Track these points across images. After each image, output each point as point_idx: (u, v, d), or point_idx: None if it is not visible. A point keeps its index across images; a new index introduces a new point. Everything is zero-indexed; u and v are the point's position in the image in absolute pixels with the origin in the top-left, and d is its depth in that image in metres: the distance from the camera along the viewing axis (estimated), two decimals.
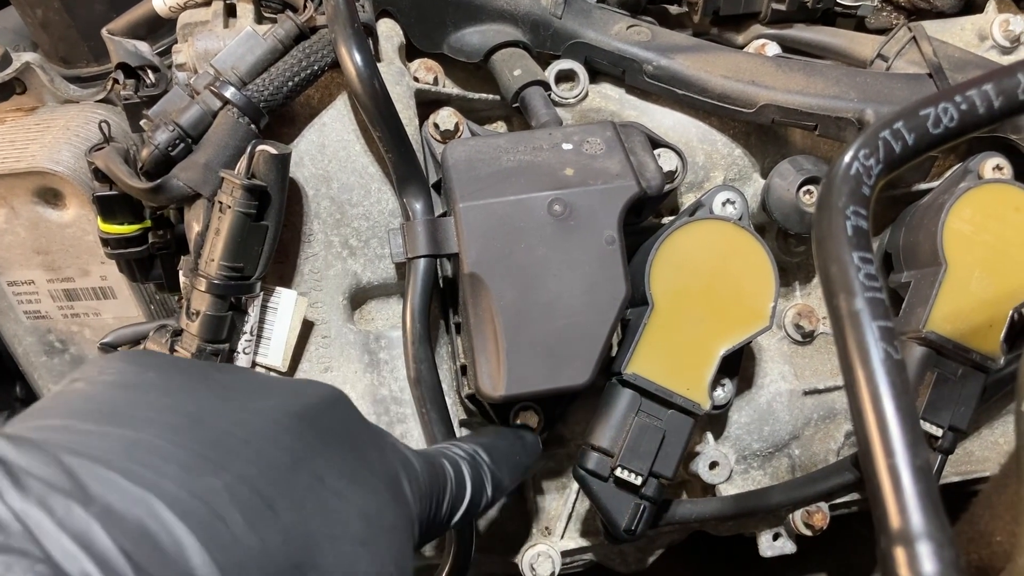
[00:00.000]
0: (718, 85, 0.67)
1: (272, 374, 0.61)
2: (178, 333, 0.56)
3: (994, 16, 0.75)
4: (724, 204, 0.64)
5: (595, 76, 0.72)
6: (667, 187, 0.66)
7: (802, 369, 0.72)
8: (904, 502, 0.32)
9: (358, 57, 0.57)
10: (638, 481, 0.60)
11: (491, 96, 0.70)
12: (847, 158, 0.39)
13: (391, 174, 0.62)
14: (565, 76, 0.70)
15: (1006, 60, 0.75)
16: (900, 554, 0.32)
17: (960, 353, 0.63)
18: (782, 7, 0.71)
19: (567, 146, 0.61)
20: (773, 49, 0.72)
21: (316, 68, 0.58)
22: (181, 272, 0.58)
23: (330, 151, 0.62)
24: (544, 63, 0.70)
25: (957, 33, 0.76)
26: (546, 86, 0.68)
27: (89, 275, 0.74)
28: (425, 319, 0.61)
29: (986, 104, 0.40)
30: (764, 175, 0.73)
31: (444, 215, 0.66)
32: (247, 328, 0.58)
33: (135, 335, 0.60)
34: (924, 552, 0.32)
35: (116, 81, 0.65)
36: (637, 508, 0.61)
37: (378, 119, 0.59)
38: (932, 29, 0.74)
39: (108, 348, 0.60)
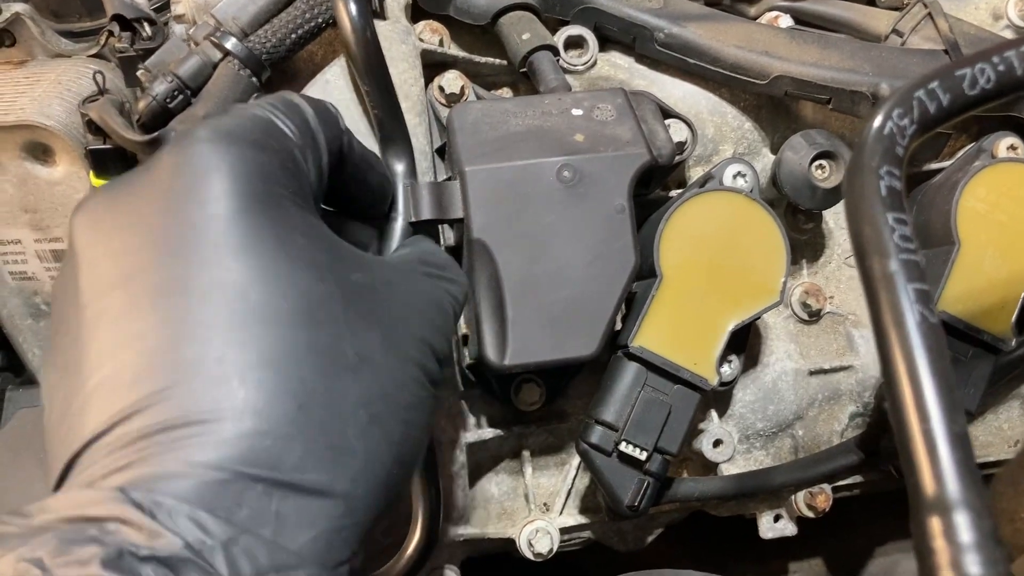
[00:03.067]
0: (731, 55, 0.66)
1: None
2: None
3: None
4: (735, 177, 0.63)
5: (604, 44, 0.70)
6: (677, 158, 0.64)
7: (808, 348, 0.71)
8: (940, 470, 0.31)
9: (353, 5, 0.54)
10: (643, 456, 0.59)
11: (497, 60, 0.68)
12: (880, 117, 0.37)
13: (375, 131, 0.59)
14: (574, 42, 0.68)
15: None
16: (935, 524, 0.31)
17: (971, 334, 0.62)
18: None
19: (577, 112, 0.60)
20: (786, 21, 0.71)
21: (320, 21, 0.56)
22: None
23: None
24: (552, 29, 0.68)
25: (971, 12, 0.75)
26: (555, 51, 0.66)
27: None
28: None
29: None
30: (774, 150, 0.71)
31: (448, 180, 0.64)
32: None
33: None
34: (961, 521, 0.30)
35: (111, 34, 0.63)
36: (641, 484, 0.60)
37: (366, 72, 0.55)
38: (946, 7, 0.73)
39: None
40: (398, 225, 0.55)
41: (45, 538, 0.29)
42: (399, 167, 0.57)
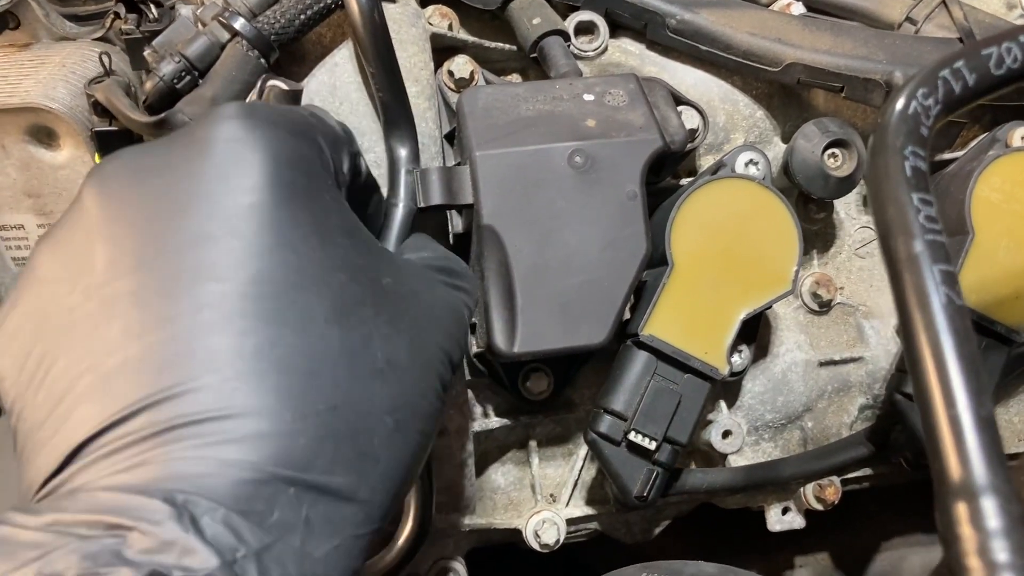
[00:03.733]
0: (743, 42, 0.65)
1: None
2: None
3: None
4: (747, 164, 0.62)
5: (615, 30, 0.69)
6: (688, 145, 0.63)
7: (818, 339, 0.70)
8: (967, 454, 0.30)
9: None
10: (652, 446, 0.58)
11: (507, 46, 0.67)
12: (904, 97, 0.36)
13: (380, 115, 0.58)
14: (584, 28, 0.68)
15: None
16: (962, 509, 0.30)
17: (984, 324, 0.61)
18: None
19: (588, 97, 0.59)
20: (798, 9, 0.70)
21: (329, 2, 0.56)
22: None
23: (341, 93, 0.59)
24: (562, 14, 0.67)
25: (985, 1, 0.74)
26: (566, 36, 0.65)
27: None
28: None
29: None
30: (785, 139, 0.70)
31: (458, 165, 0.64)
32: None
33: None
34: (989, 506, 0.30)
35: (117, 15, 0.62)
36: (650, 474, 0.59)
37: (373, 54, 0.54)
38: None
39: None
40: (399, 211, 0.55)
41: (64, 552, 0.27)
42: (402, 152, 0.57)
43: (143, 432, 0.32)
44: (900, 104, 0.36)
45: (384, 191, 0.55)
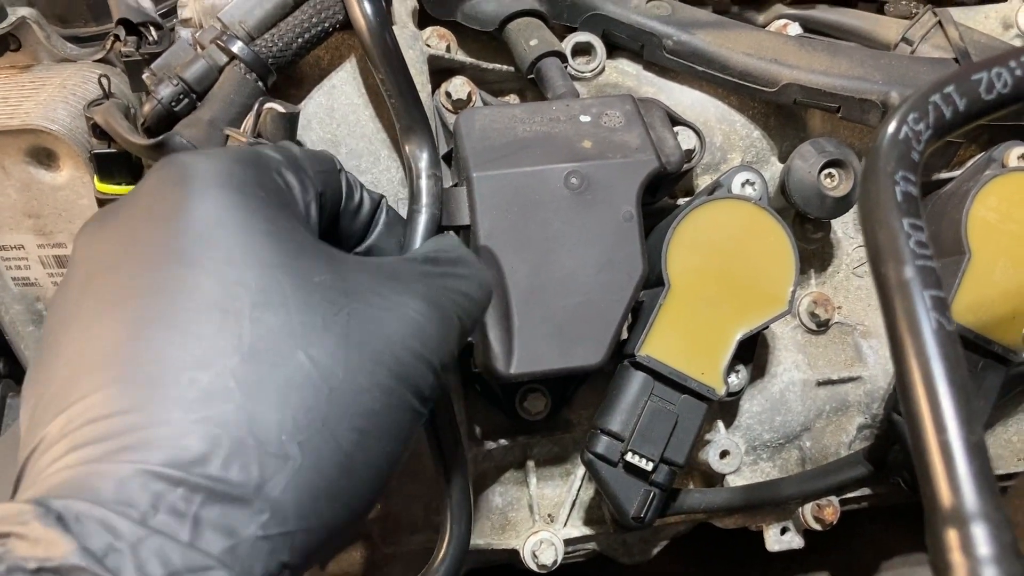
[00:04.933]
0: (740, 62, 0.65)
1: None
2: None
3: (1020, 4, 0.73)
4: (744, 185, 0.62)
5: (612, 50, 0.70)
6: (685, 166, 0.63)
7: (816, 359, 0.70)
8: (957, 480, 0.30)
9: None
10: (649, 467, 0.58)
11: (505, 67, 0.67)
12: (895, 122, 0.37)
13: (395, 122, 0.58)
14: (582, 49, 0.68)
15: None
16: (952, 536, 0.30)
17: (982, 344, 0.61)
18: None
19: (585, 118, 0.59)
20: (795, 29, 0.70)
21: (327, 25, 0.56)
22: None
23: (339, 115, 0.60)
24: (560, 35, 0.68)
25: (981, 21, 0.75)
26: (563, 57, 0.65)
27: None
28: None
29: None
30: (782, 159, 0.71)
31: (455, 186, 0.64)
32: None
33: None
34: (979, 534, 0.30)
35: (116, 38, 0.62)
36: (647, 495, 0.59)
37: (382, 59, 0.54)
38: (956, 15, 0.73)
39: None
40: (422, 218, 0.54)
41: None
42: (422, 156, 0.55)
43: (64, 448, 0.33)
44: (891, 129, 0.36)
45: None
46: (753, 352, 0.64)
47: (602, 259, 0.56)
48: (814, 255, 0.71)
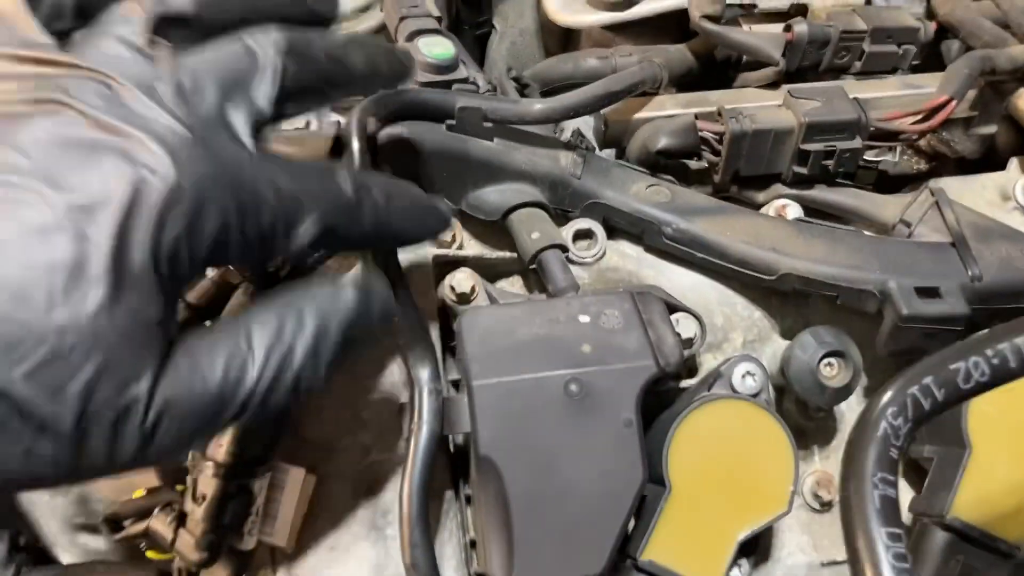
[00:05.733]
0: (738, 251, 0.66)
1: None
2: (183, 516, 0.55)
3: (1017, 176, 0.75)
4: (744, 376, 0.63)
5: (613, 232, 0.71)
6: (686, 352, 0.64)
7: (820, 538, 0.70)
8: None
9: None
10: None
11: (508, 253, 0.69)
12: (874, 416, 0.38)
13: (397, 338, 0.60)
14: (583, 235, 0.70)
15: None
16: None
17: (986, 542, 0.61)
18: (803, 170, 0.70)
19: (584, 318, 0.61)
20: (794, 211, 0.71)
21: None
22: None
23: None
24: (561, 221, 0.69)
25: (979, 191, 0.76)
26: (564, 248, 0.67)
27: None
28: (423, 498, 0.58)
29: (1018, 358, 0.39)
30: (783, 335, 0.71)
31: (455, 383, 0.65)
32: (253, 509, 0.57)
33: (138, 509, 0.59)
34: None
35: None
36: None
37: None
38: (954, 187, 0.74)
39: (112, 522, 0.59)
40: (423, 435, 0.57)
41: None
42: (423, 374, 0.58)
43: None
44: (869, 425, 0.37)
45: None
46: (756, 546, 0.64)
47: (602, 467, 0.57)
48: (817, 430, 0.72)
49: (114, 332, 0.36)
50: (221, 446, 0.54)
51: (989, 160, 0.85)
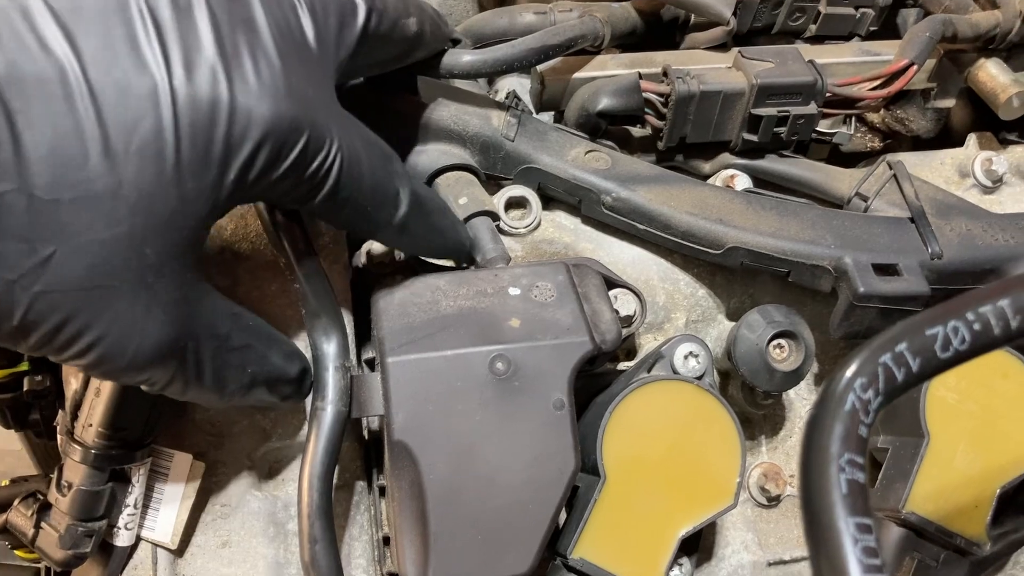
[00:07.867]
0: (683, 222, 0.61)
1: None
2: (46, 507, 0.48)
3: (975, 153, 0.71)
4: (686, 357, 0.58)
5: (549, 202, 0.65)
6: (625, 331, 0.59)
7: (767, 536, 0.65)
8: None
9: None
10: None
11: None
12: (840, 388, 0.32)
13: (300, 307, 0.54)
14: (516, 203, 0.64)
15: (987, 199, 0.70)
16: None
17: (942, 536, 0.57)
18: (754, 138, 0.65)
19: (514, 291, 0.55)
20: (743, 182, 0.66)
21: None
22: (58, 430, 0.50)
23: (242, 291, 0.55)
24: (494, 185, 0.63)
25: (937, 168, 0.72)
26: (494, 216, 0.61)
27: None
28: (325, 487, 0.52)
29: (1002, 324, 0.34)
30: (729, 316, 0.66)
31: (371, 362, 0.59)
32: (130, 500, 0.49)
33: None
34: None
35: None
36: None
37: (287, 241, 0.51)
38: (911, 162, 0.70)
39: None
40: (327, 416, 0.51)
41: None
42: (329, 346, 0.52)
43: None
44: (835, 397, 0.32)
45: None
46: (697, 543, 0.59)
47: (530, 454, 0.51)
48: (764, 419, 0.67)
49: None
50: (91, 427, 0.47)
51: (944, 140, 0.81)
